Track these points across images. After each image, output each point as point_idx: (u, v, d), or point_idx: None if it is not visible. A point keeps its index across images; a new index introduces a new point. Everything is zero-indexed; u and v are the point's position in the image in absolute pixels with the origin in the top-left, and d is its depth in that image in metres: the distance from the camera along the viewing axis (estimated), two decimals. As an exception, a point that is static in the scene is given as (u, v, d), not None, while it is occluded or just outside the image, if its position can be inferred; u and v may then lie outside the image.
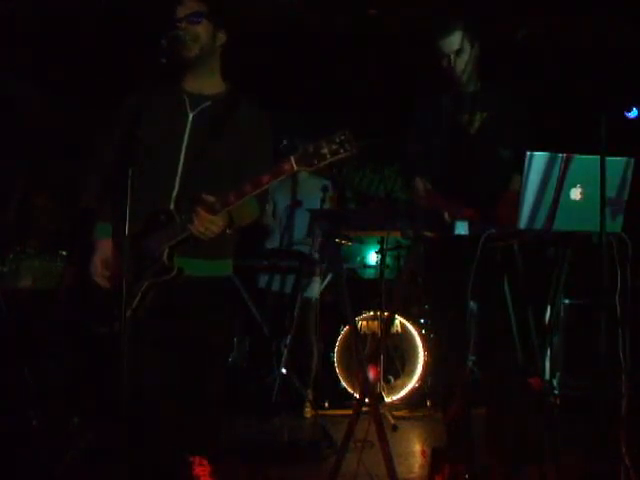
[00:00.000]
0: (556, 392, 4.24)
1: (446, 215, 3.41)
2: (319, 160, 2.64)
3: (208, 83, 3.02)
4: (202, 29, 2.93)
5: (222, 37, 3.00)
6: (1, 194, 5.54)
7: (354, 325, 5.24)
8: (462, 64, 3.53)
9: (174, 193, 2.91)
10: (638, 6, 5.19)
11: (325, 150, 2.63)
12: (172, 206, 2.89)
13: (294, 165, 2.67)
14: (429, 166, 3.64)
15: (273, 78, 6.10)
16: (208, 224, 2.76)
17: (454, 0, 5.04)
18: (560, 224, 3.09)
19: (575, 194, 3.07)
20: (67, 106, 6.04)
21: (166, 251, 2.83)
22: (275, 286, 5.50)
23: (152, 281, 2.83)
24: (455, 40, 3.50)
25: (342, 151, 2.63)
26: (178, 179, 2.91)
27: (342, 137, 2.64)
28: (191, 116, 2.96)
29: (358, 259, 6.77)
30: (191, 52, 2.92)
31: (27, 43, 5.69)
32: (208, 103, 2.98)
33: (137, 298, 2.81)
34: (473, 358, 4.16)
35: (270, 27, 5.83)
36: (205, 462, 2.87)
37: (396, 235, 5.66)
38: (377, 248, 5.91)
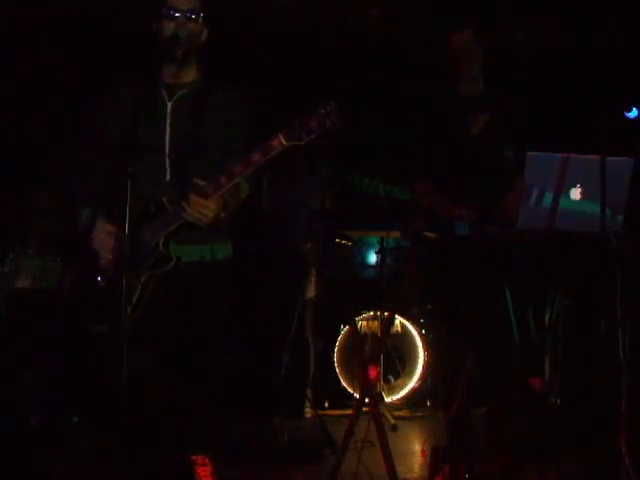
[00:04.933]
0: (556, 392, 4.23)
1: (447, 216, 3.41)
2: (307, 134, 2.62)
3: (184, 73, 3.01)
4: (195, 27, 2.94)
5: (206, 34, 3.01)
6: (1, 194, 5.54)
7: (354, 325, 5.24)
8: (470, 61, 3.55)
9: (165, 183, 2.89)
10: (638, 6, 5.19)
11: (312, 123, 2.62)
12: (165, 196, 2.85)
13: (283, 140, 2.64)
14: (431, 166, 3.64)
15: (272, 78, 6.10)
16: (201, 209, 2.72)
17: (456, 1, 5.06)
18: (560, 224, 3.10)
19: (575, 194, 3.08)
20: (67, 106, 6.04)
21: (161, 241, 2.79)
22: (277, 285, 5.49)
23: (151, 273, 2.79)
24: (466, 37, 3.53)
25: (328, 122, 2.62)
26: (168, 168, 2.91)
27: (327, 109, 2.63)
28: (170, 105, 2.96)
29: (358, 259, 6.76)
30: (180, 48, 2.90)
31: (27, 43, 5.69)
32: (185, 91, 2.98)
33: (137, 292, 2.77)
34: (473, 358, 4.15)
35: (270, 27, 5.84)
36: (207, 461, 2.86)
37: (396, 235, 5.68)
38: (377, 248, 5.91)
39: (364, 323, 5.82)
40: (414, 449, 4.70)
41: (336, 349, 5.83)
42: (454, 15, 3.67)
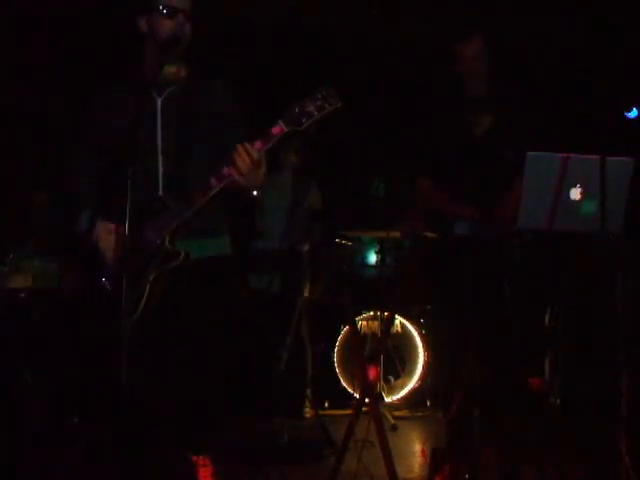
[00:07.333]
0: (556, 392, 4.24)
1: (449, 215, 3.42)
2: (307, 118, 2.63)
3: (172, 70, 2.97)
4: (189, 28, 2.91)
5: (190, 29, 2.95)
6: (1, 194, 5.54)
7: (354, 325, 5.24)
8: (479, 69, 3.55)
9: (160, 177, 2.89)
10: (637, 6, 5.19)
11: (311, 107, 2.63)
12: (160, 190, 2.86)
13: (284, 127, 2.65)
14: (432, 166, 3.64)
15: (272, 78, 6.10)
16: (249, 156, 2.66)
17: (456, 2, 5.07)
18: (560, 224, 3.10)
19: (575, 194, 3.08)
20: (67, 106, 6.04)
21: (167, 238, 2.78)
22: (276, 286, 5.49)
23: (159, 270, 2.78)
24: (476, 46, 3.53)
25: (327, 105, 2.63)
26: (161, 165, 2.89)
27: (325, 92, 2.64)
28: (159, 101, 2.94)
29: (358, 259, 6.76)
30: (180, 49, 2.89)
31: (27, 44, 5.70)
32: (174, 87, 2.96)
33: (146, 291, 2.77)
34: (473, 358, 4.16)
35: (270, 27, 5.85)
36: (208, 462, 2.86)
37: (396, 235, 5.68)
38: (377, 248, 5.90)
39: (364, 323, 5.82)
40: (414, 449, 4.70)
41: (336, 349, 5.83)
42: (459, 21, 3.66)
